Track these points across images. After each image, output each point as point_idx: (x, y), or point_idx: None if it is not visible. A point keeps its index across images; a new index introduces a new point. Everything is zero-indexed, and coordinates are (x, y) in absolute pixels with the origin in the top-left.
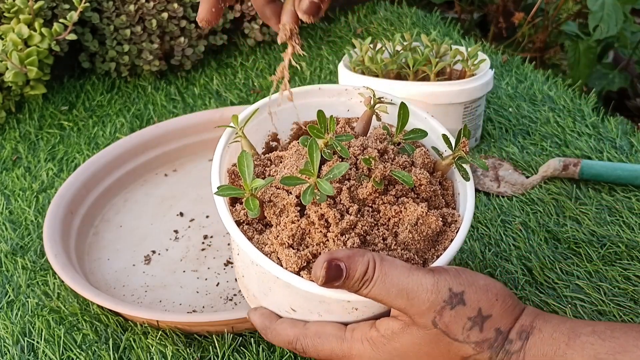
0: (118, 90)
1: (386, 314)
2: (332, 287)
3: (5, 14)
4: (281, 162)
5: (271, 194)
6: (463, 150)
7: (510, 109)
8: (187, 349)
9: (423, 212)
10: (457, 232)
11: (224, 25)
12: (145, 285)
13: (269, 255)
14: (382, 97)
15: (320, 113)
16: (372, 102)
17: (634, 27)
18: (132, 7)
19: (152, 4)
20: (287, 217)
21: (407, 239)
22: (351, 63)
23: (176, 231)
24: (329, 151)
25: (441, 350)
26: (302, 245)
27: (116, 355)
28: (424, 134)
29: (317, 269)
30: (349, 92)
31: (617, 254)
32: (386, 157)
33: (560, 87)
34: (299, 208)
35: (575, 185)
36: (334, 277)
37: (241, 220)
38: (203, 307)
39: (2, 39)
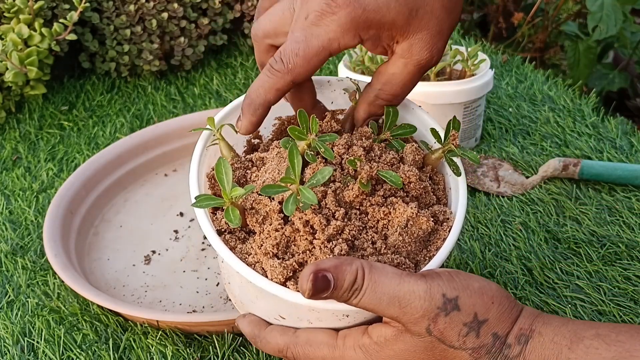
0: (118, 90)
1: (379, 319)
2: (320, 298)
3: (5, 14)
4: (263, 164)
5: (253, 201)
6: (453, 144)
7: (510, 109)
8: (187, 349)
9: (413, 213)
10: (449, 231)
11: (224, 25)
12: (145, 285)
13: (253, 265)
14: None
15: (301, 112)
16: (356, 97)
17: (634, 27)
18: (132, 7)
19: (152, 4)
20: (270, 224)
21: (397, 242)
22: (351, 63)
23: (176, 231)
24: (312, 153)
25: (437, 357)
26: (288, 253)
27: (116, 355)
28: (412, 129)
29: (303, 281)
30: (331, 83)
31: (617, 254)
32: (372, 155)
33: (560, 87)
34: (282, 215)
35: (575, 185)
36: (321, 288)
37: (223, 229)
38: (203, 307)
39: (2, 39)
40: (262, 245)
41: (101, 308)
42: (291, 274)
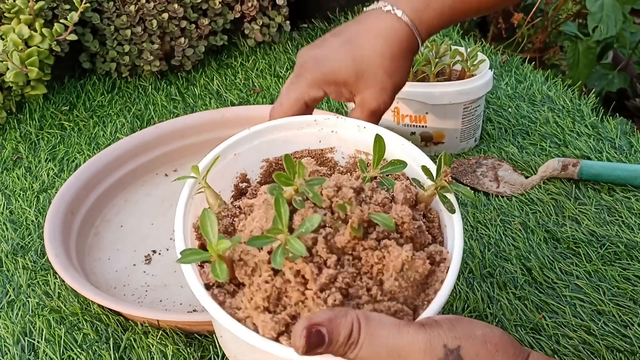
0: (118, 90)
1: None
2: (314, 354)
3: (6, 14)
4: (251, 211)
5: (241, 252)
6: (445, 180)
7: (509, 109)
8: (188, 349)
9: (408, 256)
10: (446, 272)
11: (224, 26)
12: (145, 284)
13: (243, 321)
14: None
15: (287, 158)
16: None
17: (634, 28)
18: (132, 8)
19: (152, 4)
20: (259, 276)
21: (393, 288)
22: None
23: None
24: (299, 199)
25: None
26: (279, 306)
27: (117, 354)
28: (403, 165)
29: (295, 338)
30: (318, 122)
31: (616, 253)
32: (363, 197)
33: (560, 87)
34: (272, 265)
35: (574, 186)
36: (315, 344)
37: (211, 283)
38: (203, 306)
39: (3, 39)
40: (252, 298)
41: (102, 308)
42: (284, 329)
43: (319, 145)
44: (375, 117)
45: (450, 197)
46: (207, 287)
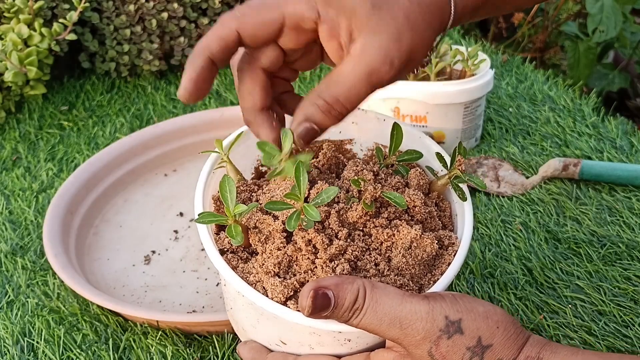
0: (118, 90)
1: (381, 345)
2: (319, 317)
3: (5, 14)
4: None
5: (257, 220)
6: (459, 169)
7: (510, 109)
8: (187, 349)
9: (417, 234)
10: (454, 256)
11: None
12: (145, 285)
13: (254, 284)
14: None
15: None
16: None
17: (634, 28)
18: (132, 7)
19: (152, 3)
20: (272, 244)
21: (400, 264)
22: None
23: (176, 231)
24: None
25: None
26: (289, 273)
27: (116, 355)
28: (419, 155)
29: (302, 298)
30: None
31: (617, 254)
32: (378, 179)
33: (561, 87)
34: (285, 234)
35: (575, 186)
36: (321, 306)
37: (225, 249)
38: (203, 307)
39: (2, 39)
40: (263, 264)
41: (101, 308)
42: (292, 293)
43: (338, 135)
44: (371, 82)
45: (463, 186)
46: (222, 252)
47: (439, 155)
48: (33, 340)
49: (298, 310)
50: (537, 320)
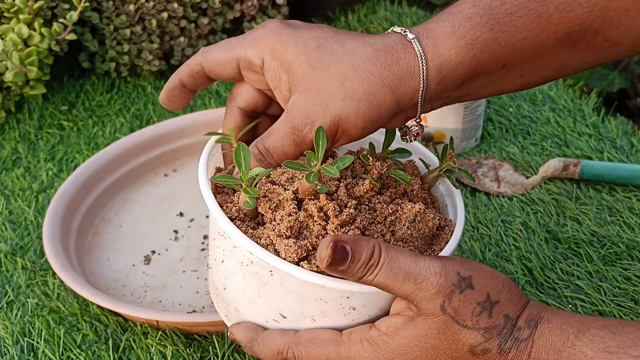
0: (118, 90)
1: (384, 315)
2: (336, 271)
3: (5, 14)
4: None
5: (266, 190)
6: (451, 162)
7: (510, 109)
8: (187, 349)
9: (421, 209)
10: (451, 234)
11: (224, 25)
12: (145, 285)
13: (265, 247)
14: None
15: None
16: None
17: None
18: (131, 7)
19: (152, 3)
20: (284, 210)
21: (405, 235)
22: None
23: (176, 231)
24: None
25: (448, 340)
26: (301, 237)
27: (116, 355)
28: (408, 153)
29: (322, 249)
30: None
31: (617, 254)
32: (380, 160)
33: (561, 87)
34: (295, 202)
35: (575, 186)
36: (339, 259)
37: (233, 217)
38: (203, 307)
39: (2, 38)
40: (274, 229)
41: (101, 308)
42: (305, 255)
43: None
44: (295, 140)
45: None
46: (230, 219)
47: (434, 145)
48: (33, 340)
49: (313, 270)
50: None
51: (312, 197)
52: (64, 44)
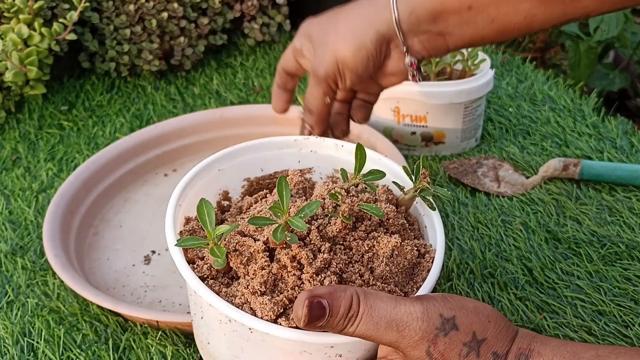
0: (118, 90)
1: (372, 357)
2: (315, 328)
3: (5, 14)
4: (239, 213)
5: (236, 243)
6: (425, 182)
7: (510, 109)
8: (187, 349)
9: (397, 242)
10: (432, 262)
11: (223, 25)
12: (145, 285)
13: (240, 306)
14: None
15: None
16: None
17: (635, 28)
18: (131, 7)
19: (152, 3)
20: (256, 264)
21: (384, 272)
22: None
23: None
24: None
25: None
26: (276, 292)
27: (116, 355)
28: (382, 174)
29: (298, 308)
30: (298, 142)
31: (617, 254)
32: (350, 195)
33: (561, 87)
34: (267, 254)
35: (575, 186)
36: (317, 316)
37: (205, 276)
38: None
39: (2, 38)
40: (248, 285)
41: (101, 308)
42: (282, 310)
43: (298, 165)
44: (316, 80)
45: (430, 198)
46: (202, 279)
47: (405, 168)
48: (33, 340)
49: (290, 327)
50: (538, 320)
51: (284, 245)
52: (64, 44)
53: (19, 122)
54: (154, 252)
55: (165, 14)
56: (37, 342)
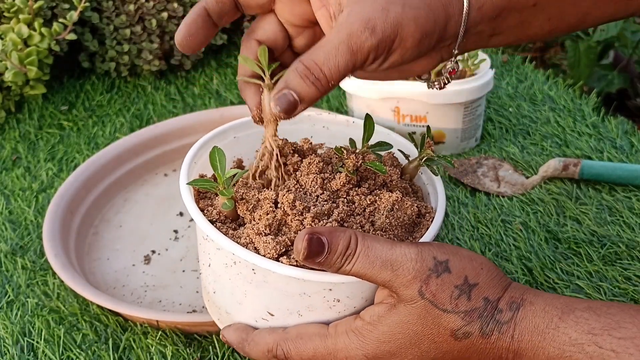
0: (118, 90)
1: (369, 305)
2: (313, 263)
3: (5, 14)
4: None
5: (243, 192)
6: (430, 150)
7: (510, 109)
8: (187, 349)
9: (398, 197)
10: (432, 221)
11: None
12: (145, 285)
13: (245, 246)
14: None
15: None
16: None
17: (634, 27)
18: (131, 7)
19: (151, 3)
20: (261, 209)
21: (384, 225)
22: None
23: (176, 231)
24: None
25: (429, 325)
26: (280, 234)
27: (116, 355)
28: (389, 146)
29: (298, 242)
30: (311, 118)
31: (617, 254)
32: (356, 153)
33: (561, 87)
34: (273, 202)
35: (575, 185)
36: (315, 251)
37: (213, 219)
38: (203, 307)
39: (2, 38)
40: (253, 228)
41: (101, 308)
42: (284, 250)
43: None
44: (352, 51)
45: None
46: (211, 222)
47: (410, 136)
48: (33, 340)
49: (291, 265)
50: None
51: (285, 192)
52: (64, 43)
53: (19, 122)
54: (154, 252)
55: (165, 14)
56: (37, 342)
